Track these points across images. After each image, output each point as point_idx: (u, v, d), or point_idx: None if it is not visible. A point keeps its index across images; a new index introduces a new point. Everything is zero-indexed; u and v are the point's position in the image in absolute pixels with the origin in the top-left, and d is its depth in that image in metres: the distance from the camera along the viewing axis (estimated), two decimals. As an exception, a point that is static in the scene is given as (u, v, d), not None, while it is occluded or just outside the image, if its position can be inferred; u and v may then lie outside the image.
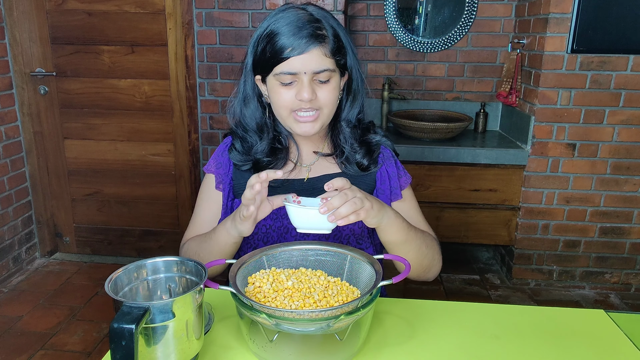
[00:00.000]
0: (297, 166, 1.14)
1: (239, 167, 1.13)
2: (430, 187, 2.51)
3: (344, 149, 1.12)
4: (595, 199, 2.46)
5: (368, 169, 1.13)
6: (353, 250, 0.92)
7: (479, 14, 2.71)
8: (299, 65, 0.99)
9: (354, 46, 1.09)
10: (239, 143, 1.14)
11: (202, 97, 2.59)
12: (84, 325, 2.20)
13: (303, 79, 1.00)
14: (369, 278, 0.86)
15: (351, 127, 1.13)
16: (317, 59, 0.99)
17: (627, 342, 0.90)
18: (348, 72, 1.08)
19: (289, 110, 1.04)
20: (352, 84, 1.11)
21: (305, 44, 0.98)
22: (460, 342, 0.89)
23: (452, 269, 2.81)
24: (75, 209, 2.84)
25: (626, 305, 2.48)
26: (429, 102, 2.88)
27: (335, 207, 0.85)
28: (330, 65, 1.01)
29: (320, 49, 0.99)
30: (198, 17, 2.47)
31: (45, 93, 2.65)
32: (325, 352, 0.81)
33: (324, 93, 1.03)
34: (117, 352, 0.66)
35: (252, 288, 0.85)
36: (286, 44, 0.98)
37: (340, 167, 1.14)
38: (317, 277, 0.89)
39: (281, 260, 0.94)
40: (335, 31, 1.02)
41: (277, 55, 0.99)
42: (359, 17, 2.80)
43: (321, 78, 1.01)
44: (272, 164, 1.11)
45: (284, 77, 1.00)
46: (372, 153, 1.14)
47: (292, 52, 0.98)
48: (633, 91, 2.29)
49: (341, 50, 1.03)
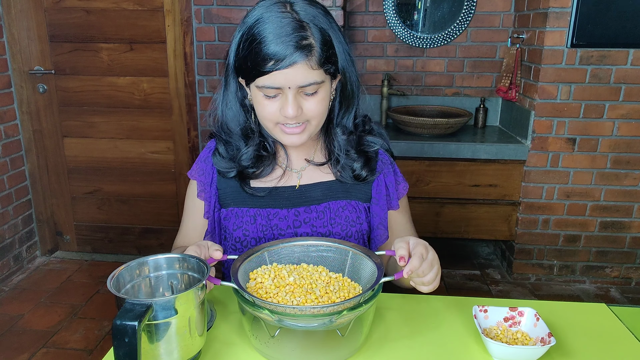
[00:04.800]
0: (287, 171, 1.08)
1: (223, 174, 1.06)
2: (430, 183, 2.51)
3: (339, 157, 1.05)
4: (595, 194, 2.46)
5: (365, 179, 1.07)
6: (355, 247, 0.91)
7: (478, 8, 2.70)
8: (282, 80, 0.89)
9: (348, 44, 0.99)
10: (222, 147, 1.06)
11: (201, 95, 2.58)
12: (85, 323, 2.20)
13: (287, 93, 0.91)
14: (370, 274, 0.86)
15: (347, 134, 1.05)
16: (302, 72, 0.89)
17: (630, 336, 0.90)
18: (340, 74, 0.99)
19: (274, 123, 0.97)
20: (346, 87, 1.01)
21: (290, 57, 0.88)
22: (461, 337, 0.89)
23: (453, 264, 2.81)
24: (76, 207, 2.84)
25: (627, 299, 2.48)
26: (428, 97, 2.87)
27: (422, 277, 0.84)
28: (317, 78, 0.91)
29: (306, 61, 0.89)
30: (197, 14, 2.46)
31: (44, 91, 2.64)
32: (327, 348, 0.81)
33: (312, 105, 0.94)
34: (120, 349, 0.66)
35: (253, 284, 0.85)
36: (268, 55, 0.88)
37: (335, 175, 1.07)
38: (318, 273, 0.89)
39: (283, 255, 0.94)
40: (324, 36, 0.92)
41: (258, 67, 0.90)
42: (357, 12, 2.79)
43: (308, 91, 0.92)
44: (258, 170, 1.05)
45: (267, 90, 0.92)
46: (370, 162, 1.07)
47: (275, 65, 0.88)
48: (633, 85, 2.29)
49: (331, 59, 0.93)
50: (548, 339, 0.81)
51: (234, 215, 1.06)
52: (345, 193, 1.08)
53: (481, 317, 0.89)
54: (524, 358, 0.81)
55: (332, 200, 1.07)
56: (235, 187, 1.07)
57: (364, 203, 1.09)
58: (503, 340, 0.85)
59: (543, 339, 0.83)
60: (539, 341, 0.83)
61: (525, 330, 0.87)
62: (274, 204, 1.06)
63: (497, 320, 0.89)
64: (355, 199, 1.08)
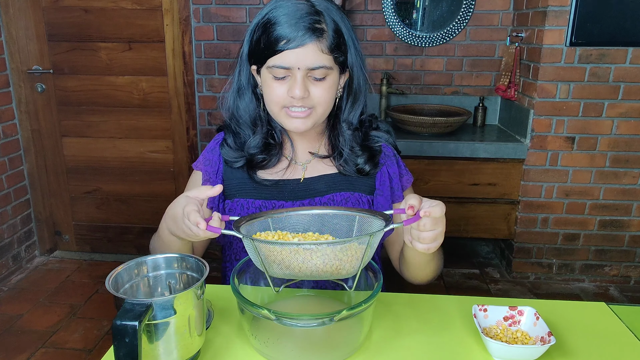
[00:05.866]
0: (292, 164, 1.10)
1: (231, 164, 1.08)
2: (430, 182, 2.51)
3: (343, 151, 1.06)
4: (594, 192, 2.46)
5: (368, 173, 1.08)
6: (361, 211, 0.88)
7: (477, 7, 2.70)
8: (292, 59, 0.93)
9: (358, 42, 1.02)
10: (231, 138, 1.08)
11: (200, 94, 2.58)
12: (84, 323, 2.20)
13: (296, 74, 0.95)
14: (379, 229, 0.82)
15: (352, 130, 1.07)
16: (312, 54, 0.93)
17: (629, 335, 0.90)
18: (349, 69, 1.02)
19: (280, 106, 0.99)
20: (353, 83, 1.04)
21: (301, 38, 0.92)
22: (460, 336, 0.89)
23: (452, 263, 2.81)
24: (74, 207, 2.84)
25: (626, 297, 2.48)
26: (427, 96, 2.87)
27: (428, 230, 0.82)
28: (326, 62, 0.95)
29: (317, 43, 0.93)
30: (195, 13, 2.46)
31: (43, 91, 2.64)
32: (327, 348, 0.81)
33: (319, 91, 0.97)
34: (120, 349, 0.66)
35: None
36: (281, 35, 0.93)
37: (338, 169, 1.09)
38: (324, 239, 0.85)
39: (287, 224, 0.89)
40: (337, 26, 0.96)
41: (271, 47, 0.94)
42: (356, 11, 2.79)
43: (316, 75, 0.95)
44: (265, 160, 1.07)
45: (277, 70, 0.95)
46: (375, 157, 1.08)
47: (287, 44, 0.92)
48: (632, 84, 2.29)
49: (341, 47, 0.97)
50: (548, 338, 0.81)
51: (239, 206, 1.07)
52: (348, 185, 1.09)
53: (481, 317, 0.89)
54: (524, 357, 0.81)
55: (335, 192, 1.08)
56: (242, 179, 1.08)
57: (367, 195, 1.09)
58: (503, 339, 0.85)
59: (543, 338, 0.83)
60: (539, 340, 0.83)
61: (525, 330, 0.87)
62: (279, 195, 1.07)
63: (497, 319, 0.89)
64: (359, 192, 1.09)
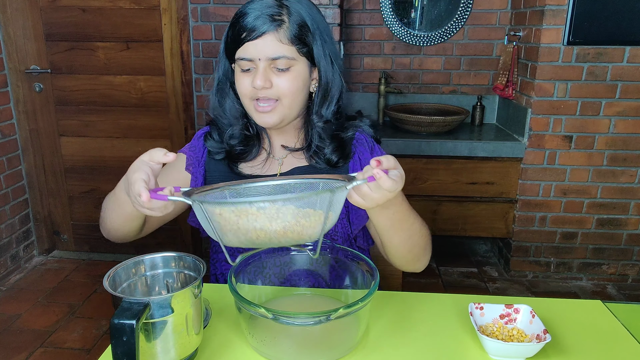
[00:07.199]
0: (270, 158, 1.11)
1: (213, 155, 1.11)
2: (428, 181, 2.51)
3: (312, 143, 1.07)
4: (592, 191, 2.47)
5: (337, 164, 1.07)
6: (324, 176, 0.83)
7: (474, 6, 2.71)
8: (253, 50, 0.96)
9: (330, 37, 1.03)
10: (216, 133, 1.12)
11: (198, 93, 2.58)
12: (83, 323, 2.20)
13: (259, 65, 0.96)
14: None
15: (323, 122, 1.06)
16: (271, 44, 0.95)
17: (625, 332, 0.91)
18: (316, 65, 1.02)
19: (248, 99, 1.01)
20: (321, 76, 1.03)
21: (260, 29, 0.94)
22: (457, 334, 0.90)
23: (450, 261, 2.81)
24: (73, 207, 2.83)
25: (623, 295, 2.49)
26: (425, 95, 2.88)
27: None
28: (287, 53, 0.96)
29: (275, 34, 0.95)
30: (193, 13, 2.46)
31: (41, 90, 2.63)
32: (324, 346, 0.81)
33: (282, 82, 0.98)
34: (118, 347, 0.66)
35: None
36: (243, 27, 0.96)
37: (308, 161, 1.09)
38: None
39: (247, 196, 0.82)
40: (301, 18, 0.97)
41: (235, 40, 0.97)
42: (355, 10, 2.79)
43: (279, 65, 0.97)
44: (245, 152, 1.10)
45: (242, 62, 0.98)
46: (344, 148, 1.07)
47: (247, 36, 0.95)
48: (629, 82, 2.30)
49: (304, 39, 0.98)
50: (543, 336, 0.82)
51: None
52: None
53: (477, 315, 0.89)
54: (520, 355, 0.81)
55: None
56: (222, 172, 1.11)
57: None
58: (499, 337, 0.85)
59: (539, 335, 0.83)
60: (535, 338, 0.84)
61: (521, 327, 0.87)
62: None
63: (493, 317, 0.89)
64: None
